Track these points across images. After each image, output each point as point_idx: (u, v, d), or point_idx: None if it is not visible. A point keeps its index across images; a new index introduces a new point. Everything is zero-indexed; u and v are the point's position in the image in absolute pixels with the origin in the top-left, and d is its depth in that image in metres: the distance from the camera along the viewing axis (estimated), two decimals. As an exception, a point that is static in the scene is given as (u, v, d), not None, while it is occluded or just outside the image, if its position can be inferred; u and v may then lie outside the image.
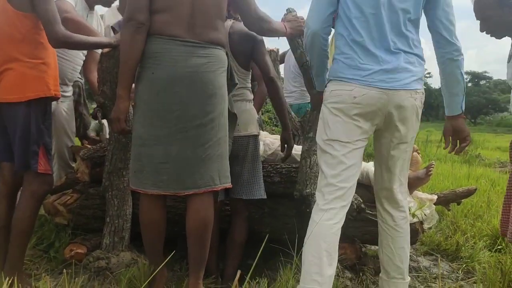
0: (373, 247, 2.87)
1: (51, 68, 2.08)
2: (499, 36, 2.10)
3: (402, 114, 1.76)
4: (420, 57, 1.80)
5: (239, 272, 0.92)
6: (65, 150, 2.77)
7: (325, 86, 1.88)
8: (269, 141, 2.61)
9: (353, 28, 1.74)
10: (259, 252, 1.12)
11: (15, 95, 1.97)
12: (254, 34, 2.19)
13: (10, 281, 1.52)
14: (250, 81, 2.34)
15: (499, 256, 2.70)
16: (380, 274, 2.01)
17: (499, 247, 2.89)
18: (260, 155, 2.30)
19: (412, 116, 1.78)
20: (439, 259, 2.70)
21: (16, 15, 1.96)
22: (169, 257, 1.44)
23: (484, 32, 2.10)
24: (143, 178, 1.85)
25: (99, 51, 2.37)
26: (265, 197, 2.26)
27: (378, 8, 1.71)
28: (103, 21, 3.07)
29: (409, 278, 1.98)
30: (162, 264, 1.61)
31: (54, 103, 2.55)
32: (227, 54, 1.95)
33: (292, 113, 3.12)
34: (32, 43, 2.00)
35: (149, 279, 1.78)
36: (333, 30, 1.87)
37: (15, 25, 1.97)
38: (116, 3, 3.08)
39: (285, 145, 2.35)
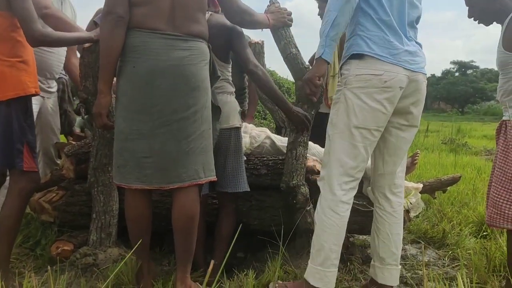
0: (360, 236, 2.90)
1: (30, 65, 2.06)
2: (486, 23, 2.13)
3: (417, 97, 1.81)
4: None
5: (212, 262, 0.91)
6: (51, 147, 2.75)
7: (341, 69, 1.87)
8: (255, 134, 2.60)
9: (381, 7, 1.75)
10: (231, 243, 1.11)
11: None
12: (232, 26, 2.17)
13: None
14: (230, 73, 2.32)
15: (484, 242, 2.74)
16: (373, 262, 2.03)
17: (484, 233, 2.94)
18: (242, 148, 2.29)
19: (423, 100, 1.86)
20: (423, 247, 2.73)
21: None
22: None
23: (472, 18, 2.13)
24: (126, 173, 1.84)
25: None
26: (248, 189, 2.25)
27: None
28: None
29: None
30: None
31: (40, 99, 2.55)
32: (209, 46, 1.94)
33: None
34: (9, 42, 1.97)
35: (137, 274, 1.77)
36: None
37: None
38: None
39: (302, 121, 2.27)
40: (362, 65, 1.75)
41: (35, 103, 2.62)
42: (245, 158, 2.43)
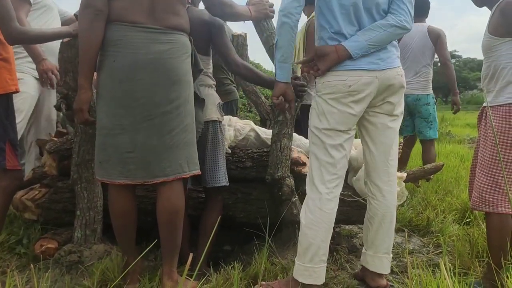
0: (346, 226, 2.92)
1: (9, 63, 2.03)
2: (479, 4, 2.19)
3: (391, 90, 1.85)
4: None
5: (191, 255, 0.91)
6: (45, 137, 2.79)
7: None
8: (240, 126, 2.59)
9: (335, 20, 1.79)
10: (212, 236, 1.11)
11: None
12: (212, 19, 2.15)
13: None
14: (210, 67, 2.30)
15: (467, 228, 2.79)
16: (364, 250, 2.06)
17: (467, 220, 2.99)
18: (222, 141, 2.26)
19: (400, 91, 1.89)
20: (406, 235, 2.77)
21: None
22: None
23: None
24: (109, 168, 1.82)
25: None
26: (227, 184, 2.23)
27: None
28: None
29: None
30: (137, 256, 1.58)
31: (41, 88, 2.65)
32: (190, 39, 1.92)
33: (262, 96, 3.12)
34: None
35: (125, 271, 1.76)
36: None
37: None
38: None
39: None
40: (328, 73, 1.83)
41: (34, 91, 2.65)
42: (230, 151, 2.43)
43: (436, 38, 4.00)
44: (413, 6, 1.85)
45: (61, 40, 2.12)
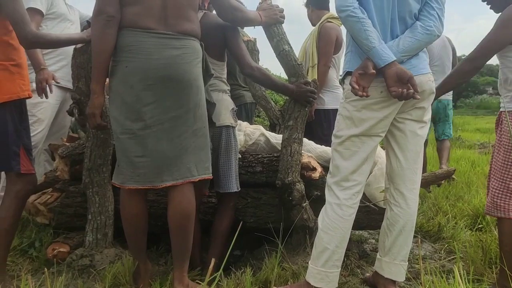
0: (357, 232, 2.91)
1: (23, 68, 2.05)
2: (497, 9, 2.17)
3: (422, 96, 1.81)
4: None
5: (213, 260, 0.91)
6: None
7: (343, 82, 1.91)
8: (250, 131, 2.60)
9: (371, 19, 1.74)
10: (234, 241, 1.11)
11: None
12: (227, 24, 2.16)
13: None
14: (225, 72, 2.31)
15: (479, 234, 2.76)
16: (379, 256, 2.03)
17: (479, 226, 2.96)
18: (235, 146, 2.27)
19: (429, 97, 1.86)
20: (419, 240, 2.74)
21: None
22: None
23: (485, 2, 2.19)
24: (120, 172, 1.84)
25: None
26: (238, 189, 2.25)
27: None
28: None
29: None
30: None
31: (58, 97, 2.65)
32: (201, 44, 1.93)
33: (272, 101, 3.12)
34: (2, 45, 1.96)
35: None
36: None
37: None
38: None
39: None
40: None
41: (54, 100, 2.69)
42: (240, 156, 2.43)
43: (453, 47, 4.55)
44: (443, 12, 1.82)
45: (74, 46, 2.15)
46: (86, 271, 2.10)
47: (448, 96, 4.57)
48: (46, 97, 2.55)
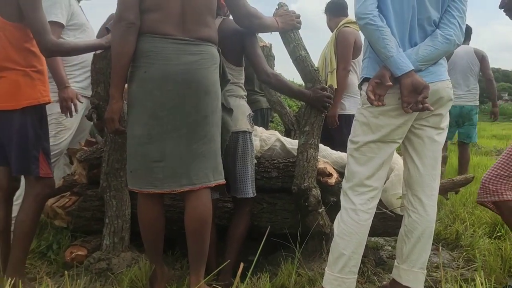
0: (372, 238, 2.88)
1: (43, 74, 2.09)
2: None
3: (439, 103, 1.81)
4: None
5: (241, 264, 0.91)
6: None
7: (360, 88, 1.91)
8: (265, 137, 2.60)
9: (389, 27, 1.73)
10: (259, 249, 1.11)
11: (9, 103, 1.97)
12: (244, 30, 2.17)
13: (12, 283, 1.52)
14: (242, 77, 2.32)
15: (498, 243, 2.71)
16: (397, 264, 2.00)
17: (498, 234, 2.91)
18: (251, 151, 2.27)
19: (447, 104, 1.86)
20: (440, 248, 2.71)
21: (6, 25, 1.96)
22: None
23: (503, 9, 2.18)
24: (138, 177, 1.85)
25: None
26: (254, 195, 2.24)
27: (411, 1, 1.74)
28: None
29: None
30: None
31: (83, 105, 2.69)
32: (218, 50, 1.95)
33: (287, 107, 3.13)
34: (23, 52, 2.00)
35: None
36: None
37: (5, 35, 1.97)
38: None
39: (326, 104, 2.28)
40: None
41: (82, 108, 2.76)
42: (256, 161, 2.43)
43: (481, 58, 4.85)
44: (464, 21, 1.80)
45: (93, 52, 2.18)
46: (103, 274, 2.12)
47: (470, 102, 4.84)
48: (71, 116, 2.60)
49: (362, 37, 3.07)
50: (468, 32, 4.95)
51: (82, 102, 2.71)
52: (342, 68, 3.24)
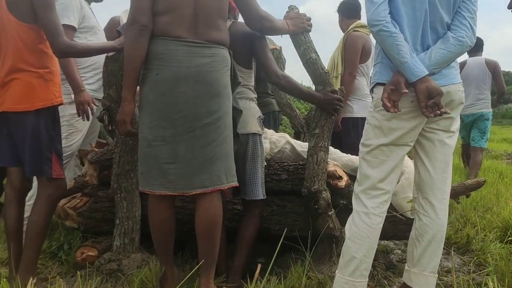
0: (382, 242, 2.87)
1: (56, 76, 2.12)
2: None
3: (450, 106, 1.80)
4: None
5: (259, 266, 0.91)
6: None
7: (371, 92, 1.90)
8: (275, 139, 2.60)
9: (401, 30, 1.73)
10: (276, 252, 1.11)
11: (23, 105, 2.00)
12: (254, 33, 2.18)
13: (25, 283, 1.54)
14: (252, 80, 2.33)
15: (510, 247, 2.68)
16: (408, 267, 1.99)
17: (510, 238, 2.87)
18: (261, 154, 2.27)
19: (458, 107, 1.86)
20: (452, 252, 2.68)
21: (20, 27, 1.99)
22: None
23: (511, 10, 2.18)
24: (150, 179, 1.86)
25: None
26: (264, 197, 2.24)
27: (424, 3, 1.73)
28: (120, 20, 3.28)
29: None
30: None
31: (94, 107, 2.70)
32: (230, 53, 1.96)
33: (297, 109, 3.13)
34: (37, 53, 2.03)
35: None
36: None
37: (19, 36, 1.99)
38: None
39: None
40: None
41: (94, 109, 2.77)
42: (265, 164, 2.44)
43: (493, 68, 5.13)
44: (475, 21, 1.79)
45: (105, 55, 2.20)
46: (114, 275, 2.13)
47: (481, 110, 5.05)
48: (88, 119, 2.62)
49: (373, 41, 3.09)
50: (479, 43, 5.20)
51: (97, 106, 2.73)
52: (348, 73, 3.24)
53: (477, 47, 5.18)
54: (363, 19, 3.43)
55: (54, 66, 2.11)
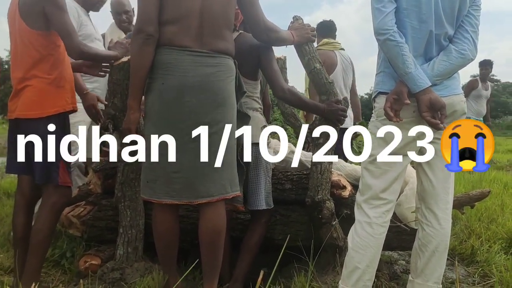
0: (386, 252, 2.85)
1: (68, 82, 2.13)
2: None
3: (453, 117, 1.81)
4: None
5: (262, 272, 0.91)
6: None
7: (373, 101, 1.91)
8: (279, 149, 2.60)
9: (405, 40, 1.74)
10: (278, 261, 1.11)
11: (35, 111, 2.01)
12: (261, 45, 2.19)
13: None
14: (257, 91, 2.34)
15: (515, 259, 2.66)
16: (412, 278, 1.98)
17: (515, 250, 2.85)
18: (265, 164, 2.26)
19: (462, 118, 1.86)
20: (456, 263, 2.66)
21: (32, 34, 2.01)
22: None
23: None
24: (156, 188, 1.87)
25: None
26: (266, 207, 2.23)
27: (430, 16, 1.74)
28: (105, 37, 3.24)
29: None
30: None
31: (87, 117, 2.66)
32: (235, 62, 1.97)
33: (301, 120, 3.14)
34: (49, 60, 2.05)
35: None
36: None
37: (31, 43, 2.02)
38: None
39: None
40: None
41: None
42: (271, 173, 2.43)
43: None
44: (477, 35, 1.81)
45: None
46: (117, 284, 2.12)
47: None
48: (100, 121, 2.61)
49: (338, 55, 3.18)
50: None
51: (105, 103, 2.71)
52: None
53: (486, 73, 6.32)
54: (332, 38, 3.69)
55: (65, 72, 2.12)
